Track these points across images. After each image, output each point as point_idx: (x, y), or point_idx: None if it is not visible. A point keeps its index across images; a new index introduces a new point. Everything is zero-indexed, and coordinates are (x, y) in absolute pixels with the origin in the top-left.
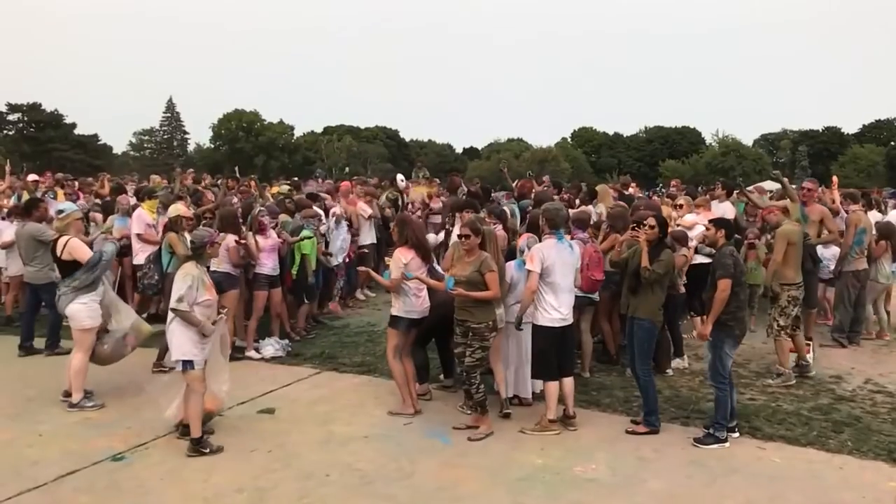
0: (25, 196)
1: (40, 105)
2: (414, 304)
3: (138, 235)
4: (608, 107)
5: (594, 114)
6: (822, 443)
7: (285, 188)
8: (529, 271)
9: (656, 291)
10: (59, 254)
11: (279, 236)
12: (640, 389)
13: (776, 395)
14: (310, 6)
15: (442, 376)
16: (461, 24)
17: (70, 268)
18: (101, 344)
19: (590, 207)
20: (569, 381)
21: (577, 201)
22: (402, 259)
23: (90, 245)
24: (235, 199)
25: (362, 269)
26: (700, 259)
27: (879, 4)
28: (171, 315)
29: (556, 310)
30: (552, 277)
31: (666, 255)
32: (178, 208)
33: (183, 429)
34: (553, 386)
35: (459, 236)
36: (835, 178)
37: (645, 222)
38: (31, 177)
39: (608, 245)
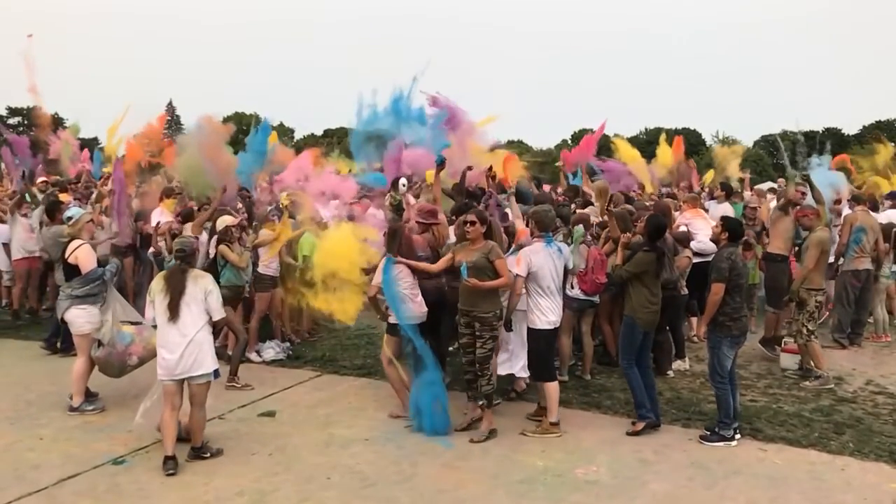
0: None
1: (41, 108)
2: (412, 310)
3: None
4: (608, 107)
5: (594, 114)
6: (824, 444)
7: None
8: (517, 275)
9: (637, 289)
10: (66, 256)
11: None
12: (628, 384)
13: (777, 397)
14: (309, 5)
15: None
16: (461, 24)
17: (73, 273)
18: (94, 349)
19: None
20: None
21: (574, 205)
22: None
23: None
24: (241, 205)
25: None
26: (697, 259)
27: (880, 5)
28: (200, 324)
29: (551, 312)
30: (543, 281)
31: (639, 257)
32: (225, 219)
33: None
34: (553, 387)
35: (465, 222)
36: None
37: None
38: (39, 179)
39: (609, 248)
